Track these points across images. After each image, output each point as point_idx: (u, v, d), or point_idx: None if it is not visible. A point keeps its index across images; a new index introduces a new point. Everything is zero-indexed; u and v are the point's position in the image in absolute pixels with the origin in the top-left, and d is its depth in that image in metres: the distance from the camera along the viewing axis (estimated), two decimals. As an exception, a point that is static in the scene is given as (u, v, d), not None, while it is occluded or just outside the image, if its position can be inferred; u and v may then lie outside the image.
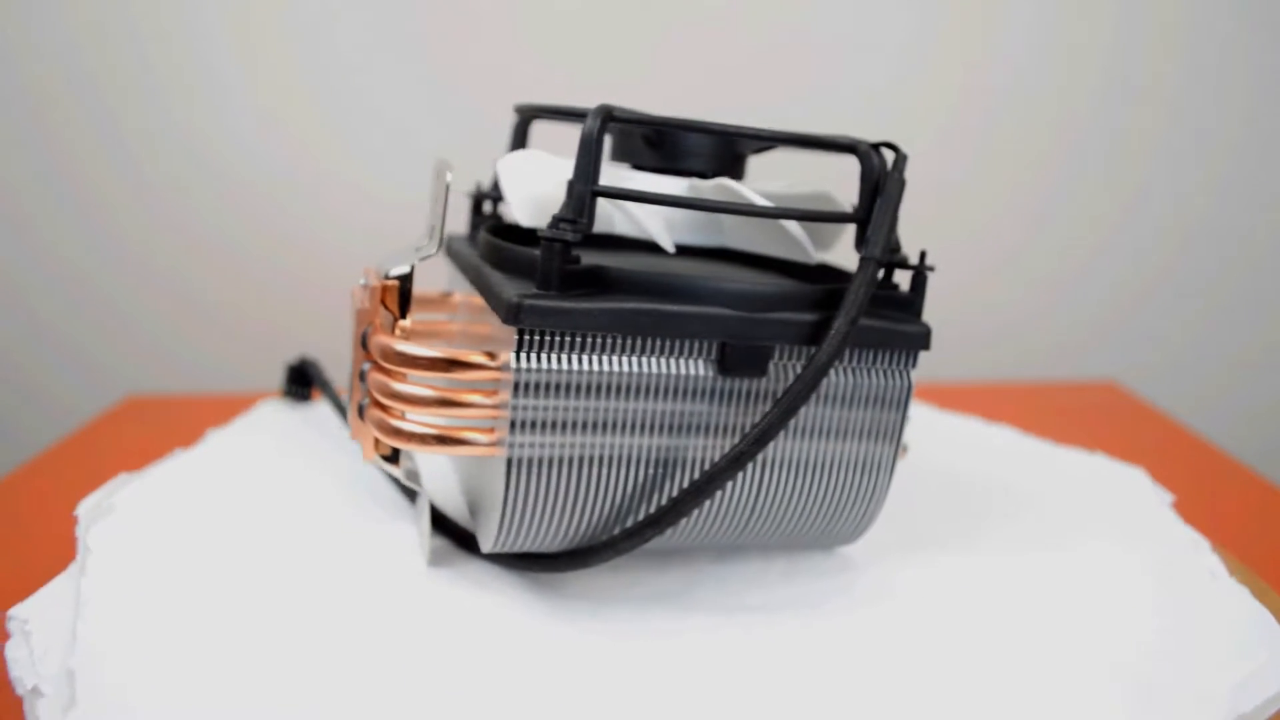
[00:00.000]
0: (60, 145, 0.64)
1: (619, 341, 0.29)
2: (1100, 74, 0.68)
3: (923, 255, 0.32)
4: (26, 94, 0.63)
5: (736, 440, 0.30)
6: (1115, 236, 0.72)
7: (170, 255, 0.67)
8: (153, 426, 0.54)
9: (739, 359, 0.29)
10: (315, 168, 0.66)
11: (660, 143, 0.35)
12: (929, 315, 0.71)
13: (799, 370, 0.30)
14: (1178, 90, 0.69)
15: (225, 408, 0.57)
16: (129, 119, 0.64)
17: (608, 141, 0.38)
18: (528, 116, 0.37)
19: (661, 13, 0.64)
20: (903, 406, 0.31)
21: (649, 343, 0.29)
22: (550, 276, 0.28)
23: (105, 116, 0.64)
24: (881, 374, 0.31)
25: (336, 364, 0.69)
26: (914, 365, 0.31)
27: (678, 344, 0.29)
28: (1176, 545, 0.38)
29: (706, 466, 0.30)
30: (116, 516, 0.36)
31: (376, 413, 0.30)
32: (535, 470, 0.29)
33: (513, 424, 0.28)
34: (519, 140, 0.38)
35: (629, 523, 0.31)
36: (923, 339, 0.31)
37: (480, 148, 0.63)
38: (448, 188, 0.31)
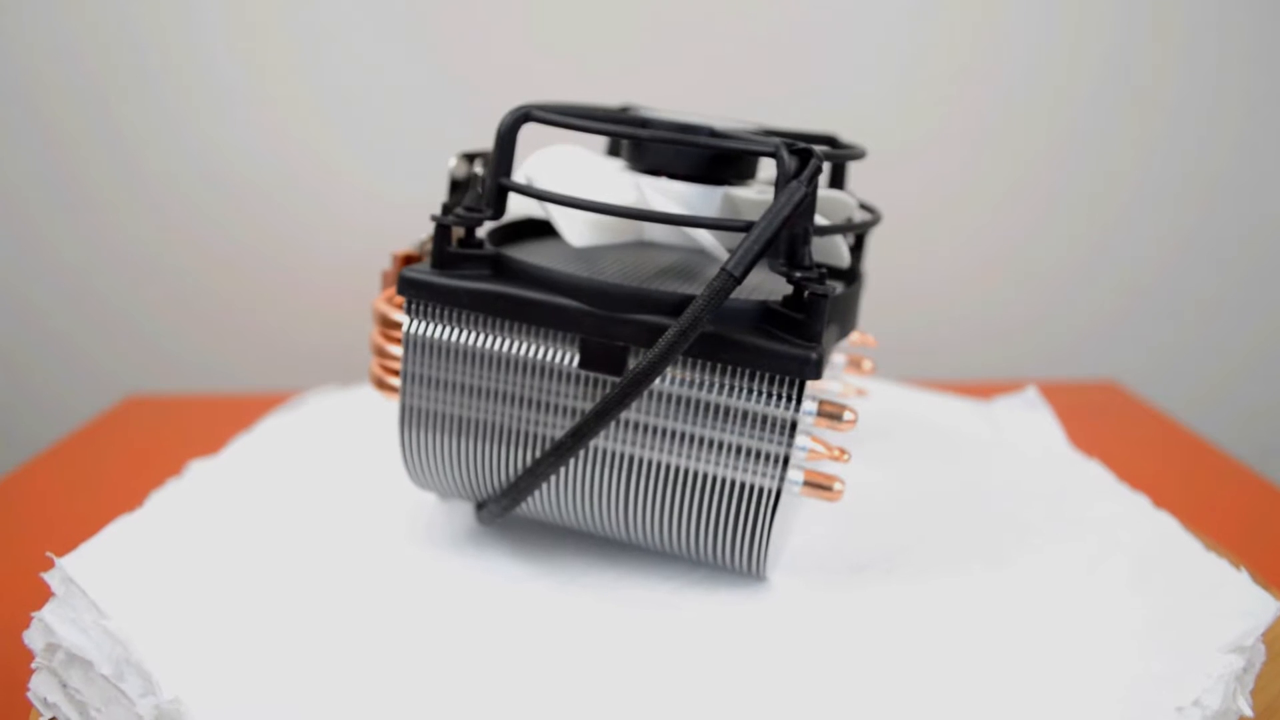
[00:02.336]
0: (60, 145, 0.64)
1: (491, 321, 0.31)
2: (1100, 73, 0.68)
3: (821, 274, 0.29)
4: (26, 94, 0.63)
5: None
6: (1115, 237, 0.72)
7: (170, 255, 0.67)
8: (153, 426, 0.54)
9: (595, 355, 0.30)
10: (316, 167, 0.66)
11: (639, 144, 0.36)
12: (929, 315, 0.72)
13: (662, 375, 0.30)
14: (1178, 90, 0.69)
15: (225, 408, 0.57)
16: (129, 118, 0.64)
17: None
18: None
19: (665, 12, 0.64)
20: (786, 434, 0.29)
21: (517, 326, 0.31)
22: (437, 255, 0.32)
23: (105, 116, 0.64)
24: (762, 396, 0.29)
25: (337, 363, 0.69)
26: (799, 392, 0.29)
27: (542, 332, 0.31)
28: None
29: None
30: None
31: (374, 365, 0.35)
32: (423, 421, 0.33)
33: (403, 375, 0.33)
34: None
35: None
36: (803, 365, 0.28)
37: (484, 146, 0.63)
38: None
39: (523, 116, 0.32)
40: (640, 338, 0.29)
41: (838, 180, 0.41)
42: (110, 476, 0.47)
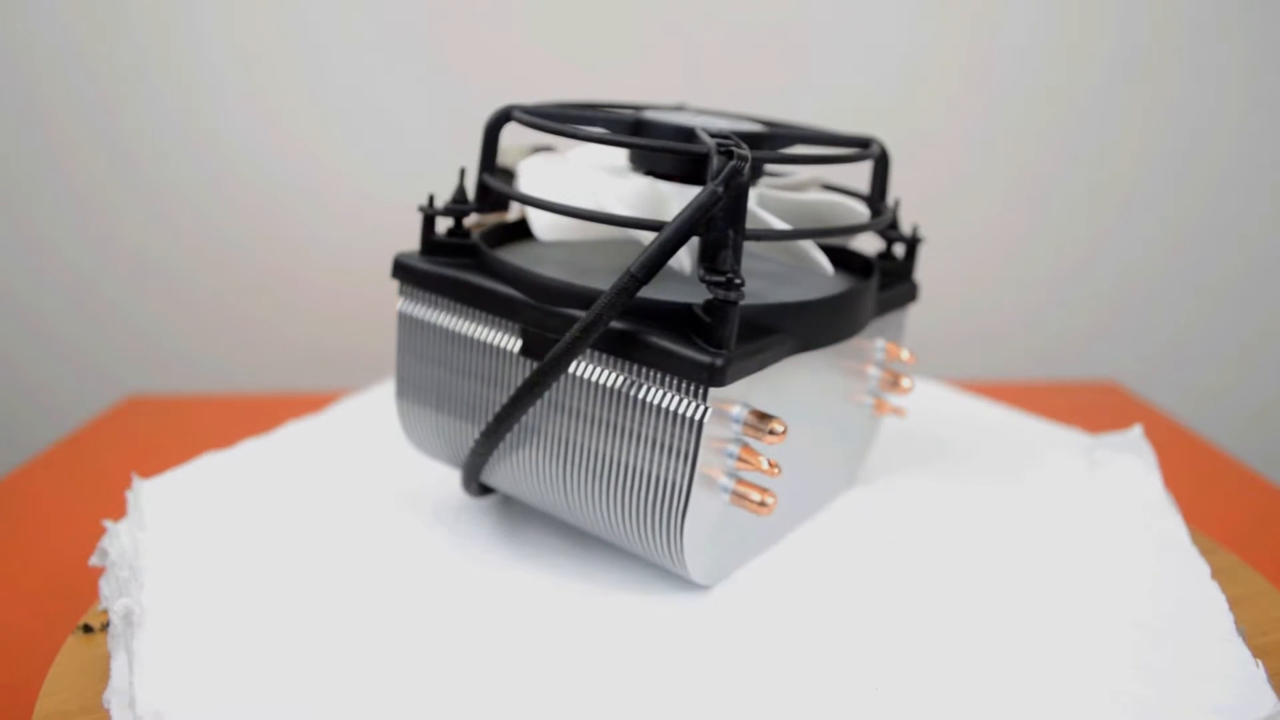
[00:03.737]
0: (60, 145, 0.64)
1: (455, 304, 0.34)
2: (1099, 72, 0.68)
3: (728, 280, 0.28)
4: (26, 94, 0.63)
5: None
6: (1115, 236, 0.72)
7: (170, 255, 0.67)
8: (153, 426, 0.54)
9: (533, 345, 0.32)
10: (315, 167, 0.66)
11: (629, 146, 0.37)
12: (929, 315, 0.71)
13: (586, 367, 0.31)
14: (1177, 89, 0.69)
15: (225, 408, 0.57)
16: (129, 118, 0.64)
17: None
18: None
19: (662, 9, 0.65)
20: (694, 433, 0.29)
21: (475, 311, 0.34)
22: (423, 242, 0.36)
23: (105, 116, 0.64)
24: (674, 393, 0.29)
25: (337, 363, 0.69)
26: (703, 395, 0.29)
27: (493, 318, 0.33)
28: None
29: None
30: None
31: None
32: (411, 390, 0.37)
33: (398, 347, 0.36)
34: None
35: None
36: (703, 370, 0.28)
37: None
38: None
39: (503, 116, 0.34)
40: (566, 330, 0.30)
41: (881, 182, 0.39)
42: (110, 476, 0.47)
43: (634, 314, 0.30)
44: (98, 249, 0.66)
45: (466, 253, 0.36)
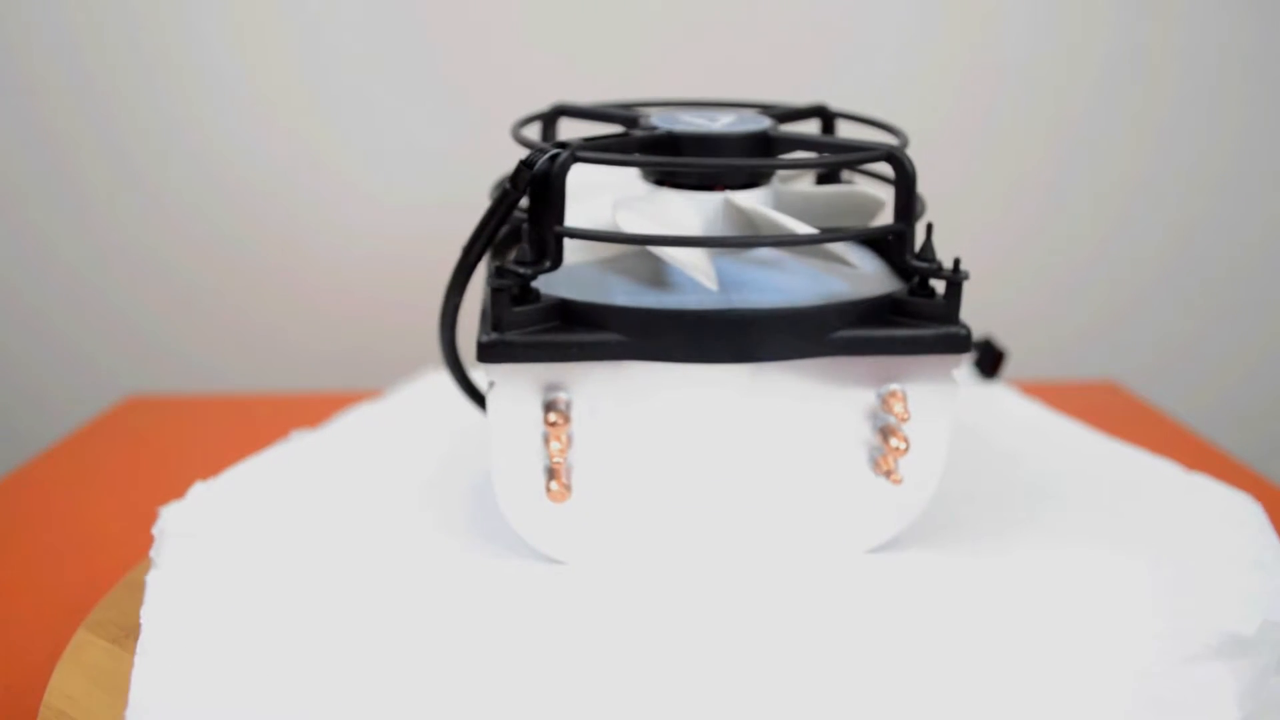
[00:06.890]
0: (60, 145, 0.64)
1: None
2: (1101, 72, 0.68)
3: (500, 268, 0.30)
4: (26, 94, 0.63)
5: None
6: (1115, 236, 0.72)
7: (170, 255, 0.67)
8: (152, 426, 0.54)
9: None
10: (316, 169, 0.66)
11: None
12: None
13: None
14: (1178, 90, 0.69)
15: (225, 408, 0.57)
16: (129, 120, 0.64)
17: None
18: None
19: (662, 10, 0.65)
20: (486, 400, 0.32)
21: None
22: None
23: (105, 117, 0.64)
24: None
25: (337, 364, 0.69)
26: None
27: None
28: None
29: None
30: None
31: None
32: None
33: None
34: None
35: None
36: (480, 346, 0.30)
37: (483, 148, 0.63)
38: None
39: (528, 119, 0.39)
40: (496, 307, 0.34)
41: (901, 199, 0.36)
42: (110, 476, 0.47)
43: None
44: (98, 249, 0.66)
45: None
